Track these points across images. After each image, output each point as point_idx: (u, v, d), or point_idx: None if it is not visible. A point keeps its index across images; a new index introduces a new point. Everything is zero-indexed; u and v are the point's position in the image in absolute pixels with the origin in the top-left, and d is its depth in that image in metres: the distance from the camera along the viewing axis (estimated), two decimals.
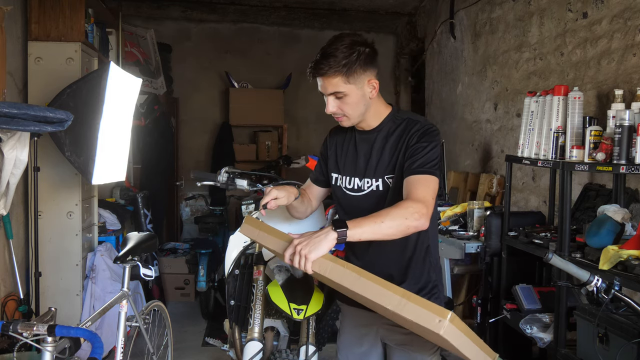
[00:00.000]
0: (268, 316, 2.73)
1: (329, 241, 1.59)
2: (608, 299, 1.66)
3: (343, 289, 1.65)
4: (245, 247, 2.92)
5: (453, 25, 5.31)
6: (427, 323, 1.40)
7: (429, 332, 1.48)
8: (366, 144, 1.93)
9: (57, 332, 1.76)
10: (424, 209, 1.69)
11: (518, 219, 3.41)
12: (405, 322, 1.56)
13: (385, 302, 1.46)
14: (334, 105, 1.86)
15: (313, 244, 1.58)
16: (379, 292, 1.48)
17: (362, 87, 1.82)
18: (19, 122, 2.36)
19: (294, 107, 7.13)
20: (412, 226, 1.66)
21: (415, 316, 1.42)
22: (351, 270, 1.54)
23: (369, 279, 1.51)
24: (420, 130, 1.84)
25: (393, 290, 1.47)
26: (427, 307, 1.42)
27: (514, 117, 4.25)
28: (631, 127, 2.42)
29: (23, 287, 3.35)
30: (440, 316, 1.40)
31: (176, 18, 6.74)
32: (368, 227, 1.63)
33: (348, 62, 1.78)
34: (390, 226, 1.64)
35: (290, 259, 1.60)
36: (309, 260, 1.56)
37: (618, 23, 3.09)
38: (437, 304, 1.48)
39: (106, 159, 3.28)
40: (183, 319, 4.77)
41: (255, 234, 1.77)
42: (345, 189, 1.97)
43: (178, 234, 6.77)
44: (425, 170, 1.77)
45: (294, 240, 1.62)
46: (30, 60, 3.54)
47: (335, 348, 2.16)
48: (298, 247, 1.59)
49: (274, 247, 1.71)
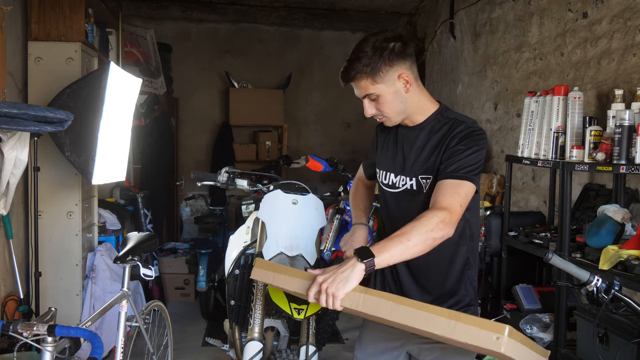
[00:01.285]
0: (268, 316, 2.73)
1: (356, 275, 1.50)
2: (608, 299, 1.66)
3: (377, 319, 1.53)
4: (245, 247, 2.92)
5: (453, 25, 5.31)
6: (484, 343, 1.27)
7: (483, 349, 1.36)
8: (407, 140, 1.85)
9: (57, 332, 1.76)
10: (448, 216, 1.60)
11: (518, 219, 3.42)
12: (454, 342, 1.44)
13: (433, 327, 1.34)
14: (371, 107, 1.80)
15: (340, 281, 1.49)
16: (422, 319, 1.35)
17: (393, 83, 1.74)
18: (19, 122, 2.36)
19: (294, 107, 7.13)
20: (437, 237, 1.58)
21: (470, 337, 1.29)
22: (386, 299, 1.42)
23: (407, 305, 1.39)
24: (463, 132, 1.74)
25: (438, 313, 1.34)
26: (479, 324, 1.29)
27: (514, 117, 4.25)
28: (631, 127, 2.42)
29: (23, 287, 3.35)
30: (497, 332, 1.27)
31: (176, 18, 6.74)
32: (395, 249, 1.54)
33: (371, 62, 1.71)
34: (416, 243, 1.55)
35: (315, 299, 1.50)
36: (337, 298, 1.47)
37: (618, 23, 3.09)
38: None
39: (106, 159, 3.28)
40: (183, 319, 4.77)
41: (270, 278, 1.65)
42: (382, 183, 1.92)
43: (178, 234, 6.77)
44: (459, 175, 1.68)
45: (317, 278, 1.52)
46: (30, 60, 3.54)
47: (335, 348, 2.15)
48: (324, 285, 1.49)
49: (294, 288, 1.59)
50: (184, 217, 6.91)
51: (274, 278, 1.64)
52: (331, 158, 4.61)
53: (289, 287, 1.61)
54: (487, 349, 1.28)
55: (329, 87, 7.19)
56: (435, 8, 5.83)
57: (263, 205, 2.80)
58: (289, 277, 1.60)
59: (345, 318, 4.68)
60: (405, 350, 1.89)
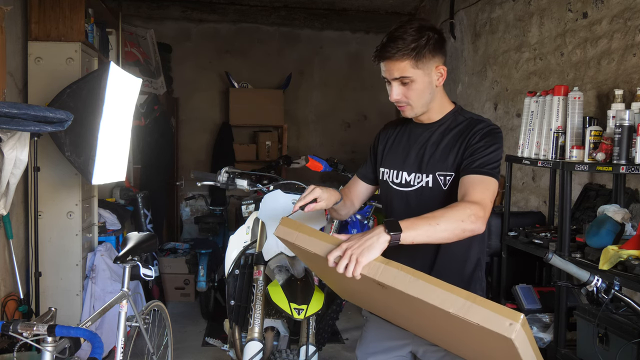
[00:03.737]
0: (268, 316, 2.73)
1: (381, 244, 1.45)
2: (608, 299, 1.66)
3: (397, 307, 1.49)
4: (245, 247, 2.92)
5: (453, 25, 5.31)
6: (496, 326, 1.23)
7: (490, 343, 1.32)
8: (422, 137, 1.82)
9: (57, 332, 1.76)
10: (481, 211, 1.56)
11: (518, 219, 3.42)
12: (462, 334, 1.40)
13: (448, 305, 1.29)
14: (399, 92, 1.73)
15: (365, 247, 1.44)
16: (438, 295, 1.31)
17: (430, 73, 1.71)
18: (19, 122, 2.36)
19: (294, 107, 7.13)
20: (468, 229, 1.54)
21: (482, 319, 1.24)
22: (406, 272, 1.37)
23: (426, 279, 1.34)
24: (484, 129, 1.73)
25: (455, 292, 1.30)
26: (495, 309, 1.25)
27: (514, 117, 4.25)
28: (631, 127, 2.42)
29: (23, 287, 3.35)
30: (511, 319, 1.22)
31: (176, 18, 6.74)
32: (422, 229, 1.49)
33: (417, 45, 1.66)
34: (445, 229, 1.51)
35: (334, 262, 1.46)
36: (360, 264, 1.42)
37: (618, 23, 3.08)
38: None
39: (106, 159, 3.28)
40: (183, 319, 4.77)
41: (293, 237, 1.58)
42: (392, 183, 1.86)
43: (178, 234, 6.77)
44: (485, 171, 1.66)
45: (342, 243, 1.47)
46: (30, 60, 3.54)
47: (335, 348, 2.15)
48: (348, 251, 1.44)
49: (315, 249, 1.53)
50: (184, 217, 6.91)
51: (297, 237, 1.57)
52: (331, 158, 4.60)
53: (310, 248, 1.55)
54: (498, 333, 1.24)
55: (329, 87, 7.19)
56: (435, 8, 5.83)
57: (263, 205, 2.80)
58: (313, 238, 1.54)
59: (345, 318, 4.68)
60: (410, 350, 1.87)
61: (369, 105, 7.15)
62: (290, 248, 1.72)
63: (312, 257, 1.62)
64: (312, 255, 1.58)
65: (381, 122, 8.09)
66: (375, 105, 7.12)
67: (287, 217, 1.67)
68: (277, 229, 1.64)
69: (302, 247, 1.57)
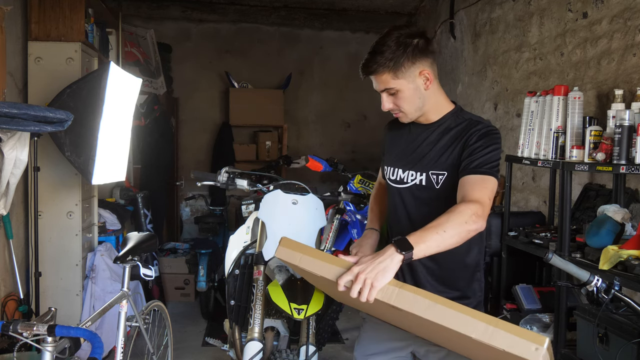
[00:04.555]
0: (268, 316, 2.73)
1: (395, 265, 1.45)
2: (608, 299, 1.66)
3: (402, 318, 1.49)
4: (245, 247, 2.92)
5: (453, 25, 5.31)
6: (521, 352, 1.23)
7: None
8: (420, 136, 1.86)
9: (57, 332, 1.76)
10: (481, 209, 1.59)
11: (518, 219, 3.41)
12: (478, 350, 1.40)
13: (470, 331, 1.28)
14: (389, 102, 1.80)
15: (378, 271, 1.43)
16: (460, 321, 1.30)
17: (414, 80, 1.75)
18: (19, 122, 2.36)
19: (294, 107, 7.13)
20: (471, 230, 1.57)
21: (508, 345, 1.24)
22: (423, 297, 1.36)
23: (445, 304, 1.33)
24: (482, 130, 1.75)
25: (477, 317, 1.29)
26: (519, 333, 1.26)
27: (514, 117, 4.25)
28: (631, 127, 2.42)
29: (23, 287, 3.35)
30: (537, 343, 1.23)
31: (176, 18, 6.74)
32: (432, 241, 1.51)
33: (394, 57, 1.71)
34: (452, 235, 1.53)
35: (345, 287, 1.44)
36: (375, 288, 1.41)
37: (618, 23, 3.08)
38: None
39: (106, 159, 3.28)
40: (183, 319, 4.77)
41: (297, 259, 1.52)
42: (389, 180, 1.90)
43: (178, 234, 6.77)
44: (484, 171, 1.68)
45: (353, 267, 1.45)
46: (30, 60, 3.54)
47: (335, 348, 2.15)
48: (361, 275, 1.42)
49: (323, 273, 1.49)
50: (184, 217, 6.91)
51: (301, 260, 1.52)
52: (331, 158, 4.61)
53: (317, 272, 1.50)
54: (523, 358, 1.24)
55: (329, 87, 7.19)
56: (435, 8, 5.83)
57: (263, 205, 2.80)
58: (319, 261, 1.50)
59: (345, 318, 4.68)
60: (410, 350, 1.87)
61: (369, 105, 7.14)
62: (293, 269, 1.68)
63: (319, 279, 1.58)
64: (319, 278, 1.55)
65: (381, 122, 8.02)
66: (375, 105, 7.05)
67: (285, 237, 1.60)
68: (278, 250, 1.58)
69: (307, 270, 1.52)
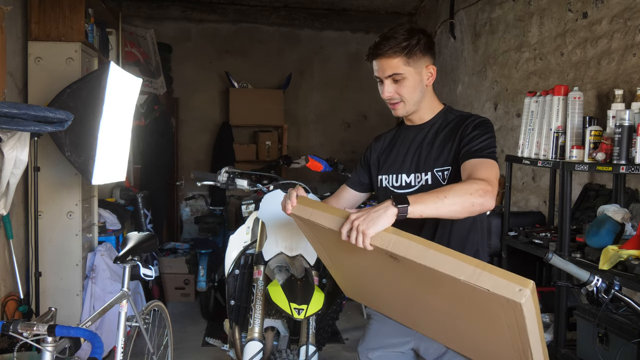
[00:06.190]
0: (268, 316, 2.73)
1: (388, 216, 1.48)
2: (608, 299, 1.66)
3: (395, 281, 1.55)
4: (245, 247, 2.92)
5: (453, 25, 5.31)
6: (505, 292, 1.25)
7: (496, 320, 1.35)
8: (416, 139, 1.88)
9: (57, 332, 1.76)
10: (489, 186, 1.58)
11: (518, 219, 3.42)
12: (468, 318, 1.43)
13: (459, 272, 1.31)
14: (390, 90, 1.80)
15: (371, 219, 1.47)
16: (450, 264, 1.33)
17: (421, 71, 1.79)
18: (19, 122, 2.36)
19: (294, 107, 7.13)
20: (477, 203, 1.55)
21: (492, 285, 1.26)
22: (417, 242, 1.40)
23: (437, 249, 1.37)
24: (476, 121, 1.79)
25: (467, 261, 1.33)
26: (505, 276, 1.27)
27: (514, 117, 4.25)
28: (631, 127, 2.42)
29: (23, 287, 3.35)
30: (521, 285, 1.24)
31: (176, 18, 6.74)
32: (431, 202, 1.51)
33: (408, 44, 1.74)
34: (453, 202, 1.52)
35: (347, 236, 1.50)
36: (367, 236, 1.46)
37: (618, 23, 3.09)
38: None
39: (106, 159, 3.28)
40: (183, 319, 4.77)
41: (308, 213, 1.64)
42: (393, 187, 1.89)
43: (178, 234, 6.77)
44: (485, 155, 1.70)
45: (350, 215, 1.51)
46: (30, 60, 3.54)
47: (335, 348, 2.15)
48: (355, 222, 1.48)
49: (328, 224, 1.58)
50: (184, 217, 6.91)
51: (312, 214, 1.63)
52: (331, 158, 4.60)
53: (324, 223, 1.60)
54: (507, 299, 1.26)
55: (329, 87, 7.19)
56: (435, 8, 5.83)
57: (263, 205, 2.80)
58: (327, 214, 1.60)
59: (345, 318, 4.68)
60: (411, 347, 1.90)
61: (369, 105, 7.15)
62: (303, 230, 1.76)
63: (324, 236, 1.64)
64: (324, 233, 1.61)
65: (381, 122, 8.06)
66: (375, 105, 7.12)
67: (302, 196, 1.70)
68: (295, 207, 1.68)
69: (316, 223, 1.60)
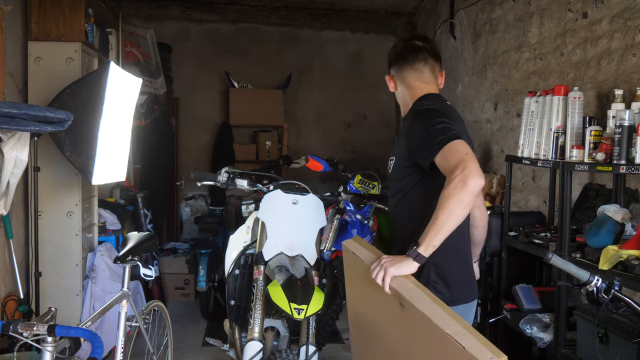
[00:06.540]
0: (268, 316, 2.73)
1: (410, 265, 1.73)
2: (608, 299, 1.66)
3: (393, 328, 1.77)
4: (245, 247, 2.92)
5: (453, 25, 5.31)
6: (478, 354, 1.44)
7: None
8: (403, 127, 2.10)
9: (57, 332, 1.76)
10: (463, 169, 1.66)
11: (518, 219, 3.41)
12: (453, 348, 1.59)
13: (446, 327, 1.52)
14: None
15: (396, 263, 1.73)
16: (443, 318, 1.55)
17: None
18: (19, 122, 2.36)
19: (294, 107, 7.12)
20: (462, 198, 1.65)
21: (470, 345, 1.46)
22: (427, 295, 1.63)
23: (442, 307, 1.59)
24: (409, 114, 2.01)
25: (459, 322, 1.54)
26: (484, 342, 1.47)
27: (514, 117, 4.25)
28: (631, 127, 2.42)
29: (23, 287, 3.35)
30: (493, 354, 1.43)
31: (176, 18, 6.73)
32: (433, 231, 1.69)
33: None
34: (446, 216, 1.67)
35: (372, 269, 1.76)
36: (387, 274, 1.70)
37: (618, 23, 3.08)
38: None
39: (106, 159, 3.27)
40: (183, 319, 4.77)
41: (356, 248, 1.95)
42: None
43: (178, 234, 6.76)
44: (440, 146, 1.77)
45: (382, 256, 1.79)
46: (30, 60, 3.54)
47: (335, 348, 2.16)
48: (383, 260, 1.75)
49: (364, 258, 1.87)
50: (184, 217, 6.91)
51: (357, 249, 1.94)
52: (331, 158, 4.60)
53: (362, 257, 1.89)
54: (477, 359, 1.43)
55: (329, 87, 7.19)
56: (435, 8, 5.83)
57: (263, 205, 2.80)
58: (367, 251, 1.89)
59: (345, 318, 4.67)
60: None
61: (369, 105, 7.15)
62: (346, 264, 2.05)
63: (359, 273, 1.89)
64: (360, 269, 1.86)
65: (381, 122, 8.06)
66: (375, 105, 7.12)
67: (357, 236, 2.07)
68: (349, 241, 2.01)
69: (356, 255, 1.91)
